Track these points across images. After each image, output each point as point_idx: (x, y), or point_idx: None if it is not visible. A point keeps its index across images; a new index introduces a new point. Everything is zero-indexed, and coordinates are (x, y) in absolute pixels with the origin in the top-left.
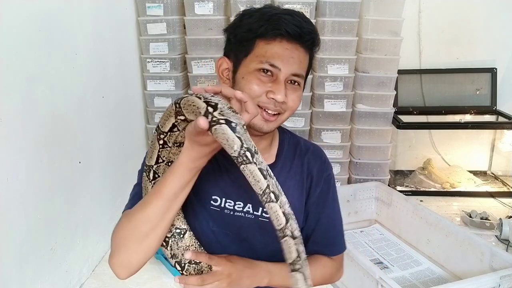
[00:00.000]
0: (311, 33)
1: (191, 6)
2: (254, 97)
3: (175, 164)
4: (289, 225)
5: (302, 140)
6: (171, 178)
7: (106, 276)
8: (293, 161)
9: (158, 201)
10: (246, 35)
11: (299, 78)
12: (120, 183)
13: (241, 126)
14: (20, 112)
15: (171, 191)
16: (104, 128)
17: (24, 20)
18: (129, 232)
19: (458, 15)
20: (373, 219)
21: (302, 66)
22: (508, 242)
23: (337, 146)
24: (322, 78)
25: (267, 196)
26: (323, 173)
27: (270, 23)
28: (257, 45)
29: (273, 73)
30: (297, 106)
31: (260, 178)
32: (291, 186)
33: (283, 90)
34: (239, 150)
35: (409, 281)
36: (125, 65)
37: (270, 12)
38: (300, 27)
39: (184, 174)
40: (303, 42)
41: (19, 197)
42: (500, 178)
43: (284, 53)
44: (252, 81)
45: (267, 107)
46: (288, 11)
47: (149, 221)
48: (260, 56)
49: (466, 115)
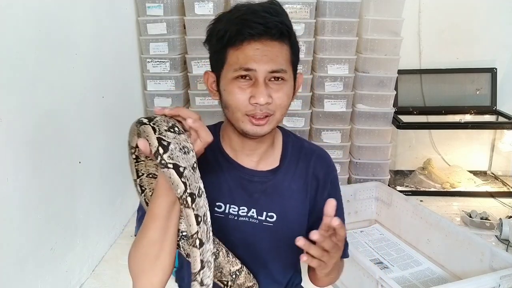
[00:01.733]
0: (276, 25)
1: (191, 6)
2: (241, 108)
3: (157, 185)
4: (202, 272)
5: (306, 143)
6: (158, 199)
7: (106, 276)
8: (298, 164)
9: (155, 223)
10: (217, 46)
11: (281, 73)
12: (120, 183)
13: (189, 169)
14: (20, 112)
15: (163, 211)
16: (104, 128)
17: (24, 20)
18: (141, 258)
19: (458, 15)
20: (373, 219)
21: (279, 60)
22: (508, 242)
23: (337, 146)
24: (322, 78)
25: (193, 241)
26: (330, 176)
27: (234, 29)
28: (228, 54)
29: (251, 77)
30: (287, 102)
31: (192, 223)
32: (295, 190)
33: (264, 92)
34: (182, 194)
35: (409, 281)
36: (125, 65)
37: (234, 15)
38: (263, 23)
39: (167, 193)
40: (272, 36)
41: (19, 197)
42: (500, 178)
43: (256, 53)
44: (233, 91)
45: (253, 114)
46: (252, 8)
47: (153, 243)
48: (234, 64)
49: (466, 115)
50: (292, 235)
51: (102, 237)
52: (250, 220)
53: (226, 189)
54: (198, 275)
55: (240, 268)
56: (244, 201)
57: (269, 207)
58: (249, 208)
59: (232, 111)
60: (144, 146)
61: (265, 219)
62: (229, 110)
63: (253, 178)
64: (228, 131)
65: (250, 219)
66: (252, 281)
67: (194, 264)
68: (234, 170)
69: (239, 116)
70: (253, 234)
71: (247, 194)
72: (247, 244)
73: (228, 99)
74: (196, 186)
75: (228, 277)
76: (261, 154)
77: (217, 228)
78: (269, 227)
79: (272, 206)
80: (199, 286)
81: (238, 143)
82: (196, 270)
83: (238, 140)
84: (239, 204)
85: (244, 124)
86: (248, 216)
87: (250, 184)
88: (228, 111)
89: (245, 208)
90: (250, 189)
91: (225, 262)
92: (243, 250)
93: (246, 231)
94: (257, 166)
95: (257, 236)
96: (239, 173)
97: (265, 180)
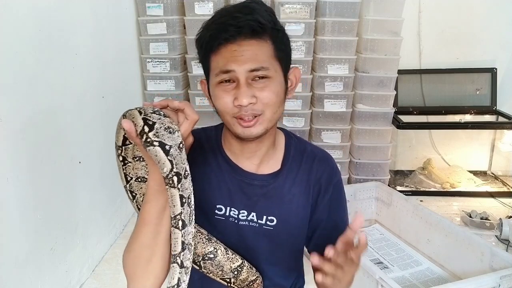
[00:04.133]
0: (247, 23)
1: (191, 6)
2: (228, 111)
3: (147, 189)
4: (182, 254)
5: (309, 146)
6: (148, 204)
7: (106, 276)
8: (300, 167)
9: (146, 228)
10: (200, 54)
11: (262, 71)
12: (120, 183)
13: (175, 148)
14: (20, 112)
15: (153, 216)
16: (104, 128)
17: (24, 20)
18: (133, 261)
19: (458, 15)
20: (373, 219)
21: (259, 58)
22: (508, 242)
23: (337, 146)
24: (322, 78)
25: (175, 222)
26: (332, 180)
27: (210, 35)
28: (211, 60)
29: (234, 79)
30: (276, 99)
31: (177, 203)
32: (296, 194)
33: (245, 92)
34: (168, 173)
35: (409, 281)
36: (125, 65)
37: (211, 21)
38: (234, 24)
39: (157, 197)
40: (245, 35)
41: (19, 197)
42: (500, 178)
43: (233, 54)
44: (218, 95)
45: (240, 116)
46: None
47: (145, 247)
48: (215, 69)
49: (466, 115)
50: (292, 239)
51: (102, 237)
52: (250, 224)
53: (226, 192)
54: (178, 257)
55: (241, 263)
56: (244, 205)
57: (269, 211)
58: (249, 211)
59: (222, 115)
60: (129, 126)
61: (265, 223)
62: (220, 114)
63: (253, 182)
64: (228, 135)
65: (250, 223)
66: (255, 274)
67: (175, 245)
68: (234, 173)
69: (229, 119)
70: (253, 237)
71: (246, 197)
72: (248, 248)
73: (216, 104)
74: (183, 167)
75: (230, 274)
76: (261, 157)
77: (217, 231)
78: (269, 231)
79: (272, 210)
80: (178, 268)
81: (237, 146)
82: (176, 251)
83: (237, 144)
84: (239, 207)
85: (235, 127)
86: (248, 219)
87: (250, 187)
88: (220, 116)
89: (245, 211)
90: (250, 192)
91: (224, 259)
92: (243, 253)
93: (246, 234)
94: (258, 169)
95: (257, 240)
96: (239, 176)
97: (266, 184)
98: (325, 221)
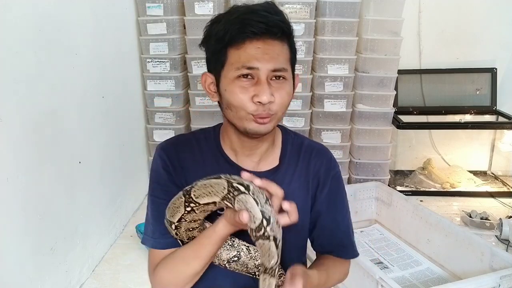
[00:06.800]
0: (278, 24)
1: (191, 6)
2: (243, 107)
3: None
4: None
5: (306, 140)
6: (209, 244)
7: (106, 276)
8: (298, 162)
9: (197, 262)
10: (217, 46)
11: (282, 72)
12: (120, 183)
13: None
14: (20, 112)
15: (209, 255)
16: (104, 128)
17: (24, 20)
18: (179, 280)
19: (458, 15)
20: (373, 219)
21: (281, 59)
22: (508, 242)
23: (337, 146)
24: (322, 78)
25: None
26: (330, 172)
27: (235, 28)
28: (229, 54)
29: (253, 76)
30: (288, 101)
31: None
32: (296, 189)
33: (267, 90)
34: (274, 265)
35: (409, 281)
36: (125, 65)
37: (233, 15)
38: (265, 22)
39: (220, 242)
40: (273, 35)
41: (19, 197)
42: (500, 178)
43: (258, 52)
44: (235, 91)
45: (258, 114)
46: (251, 8)
47: (189, 276)
48: (236, 63)
49: (466, 115)
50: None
51: (102, 237)
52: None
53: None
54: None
55: None
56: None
57: None
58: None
59: (236, 110)
60: (247, 219)
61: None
62: (232, 110)
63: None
64: (229, 132)
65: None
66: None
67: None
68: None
69: (243, 115)
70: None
71: None
72: None
73: (231, 99)
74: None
75: (254, 270)
76: (261, 154)
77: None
78: None
79: None
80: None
81: (238, 143)
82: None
83: (238, 141)
84: None
85: (248, 122)
86: None
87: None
88: (231, 111)
89: None
90: None
91: (248, 259)
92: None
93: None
94: (257, 166)
95: None
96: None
97: None
98: (325, 213)
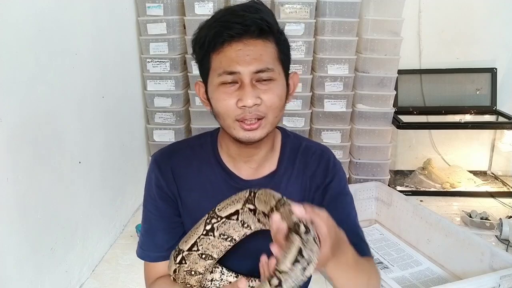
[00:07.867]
0: (255, 22)
1: (191, 6)
2: (230, 113)
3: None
4: None
5: (305, 142)
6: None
7: (106, 276)
8: (294, 165)
9: None
10: (200, 54)
11: (267, 72)
12: (120, 183)
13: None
14: (20, 112)
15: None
16: (104, 128)
17: (24, 20)
18: None
19: (458, 15)
20: (373, 219)
21: (264, 59)
22: (508, 242)
23: (337, 146)
24: (322, 78)
25: None
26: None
27: (213, 33)
28: (212, 60)
29: (237, 80)
30: (278, 103)
31: None
32: (293, 192)
33: (250, 93)
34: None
35: (409, 281)
36: (125, 65)
37: (212, 19)
38: (241, 22)
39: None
40: (252, 34)
41: (19, 197)
42: (500, 178)
43: (238, 54)
44: (219, 97)
45: (244, 117)
46: (231, 9)
47: None
48: (217, 69)
49: (466, 115)
50: None
51: (102, 237)
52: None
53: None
54: None
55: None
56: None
57: None
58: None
59: (222, 118)
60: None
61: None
62: (220, 117)
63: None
64: (225, 139)
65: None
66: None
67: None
68: (231, 180)
69: (230, 123)
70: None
71: None
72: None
73: (217, 106)
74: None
75: None
76: (259, 160)
77: None
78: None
79: None
80: None
81: (235, 150)
82: None
83: (235, 148)
84: None
85: (236, 131)
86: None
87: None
88: (220, 119)
89: None
90: None
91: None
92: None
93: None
94: (255, 172)
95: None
96: (235, 183)
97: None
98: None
